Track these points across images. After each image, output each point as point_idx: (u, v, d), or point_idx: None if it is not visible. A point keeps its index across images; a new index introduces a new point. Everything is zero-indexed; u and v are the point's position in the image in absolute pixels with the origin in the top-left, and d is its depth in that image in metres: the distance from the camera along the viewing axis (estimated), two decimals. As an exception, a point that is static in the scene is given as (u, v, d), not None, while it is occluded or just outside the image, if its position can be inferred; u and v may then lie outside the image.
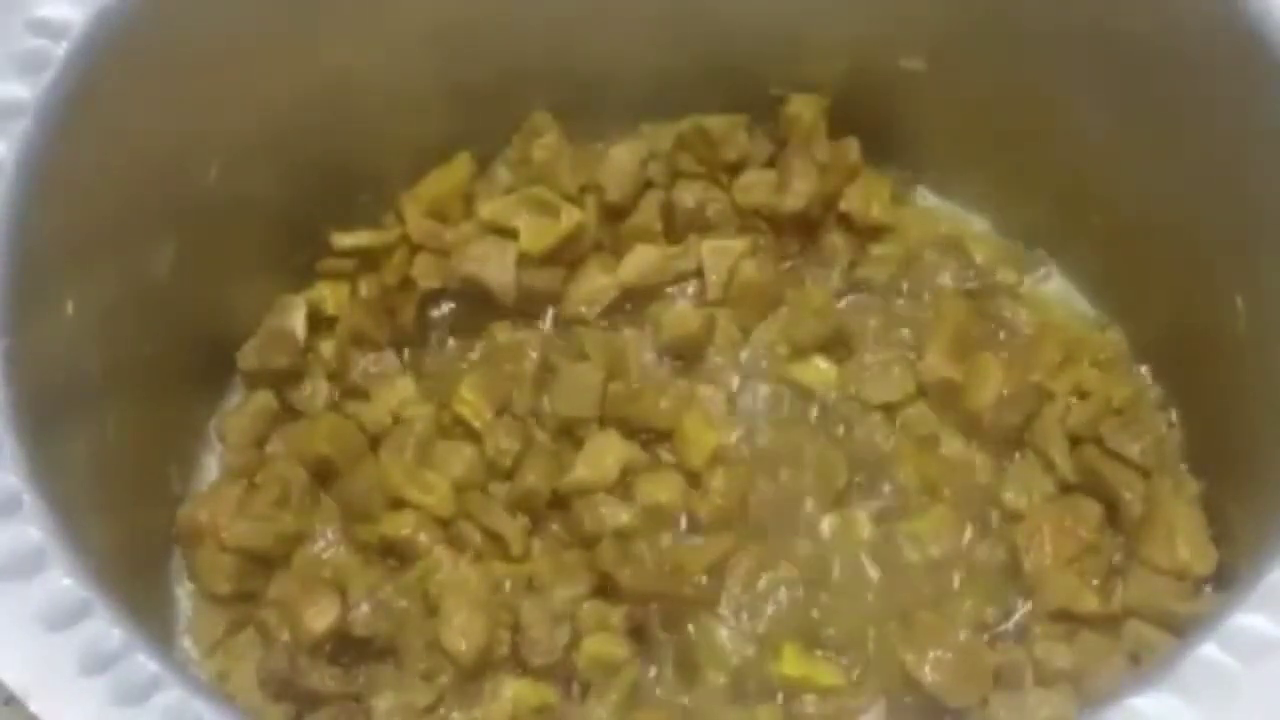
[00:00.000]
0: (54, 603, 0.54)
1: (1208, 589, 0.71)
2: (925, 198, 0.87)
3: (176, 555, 0.75)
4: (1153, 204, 0.76)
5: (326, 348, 0.80)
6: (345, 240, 0.81)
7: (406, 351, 0.81)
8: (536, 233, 0.79)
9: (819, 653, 0.71)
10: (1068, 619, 0.71)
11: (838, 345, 0.79)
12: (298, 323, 0.80)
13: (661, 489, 0.74)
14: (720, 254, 0.80)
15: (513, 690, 0.69)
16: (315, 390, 0.79)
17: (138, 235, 0.71)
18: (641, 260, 0.80)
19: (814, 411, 0.79)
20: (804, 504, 0.76)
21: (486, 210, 0.80)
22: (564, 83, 0.82)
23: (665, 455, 0.76)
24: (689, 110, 0.83)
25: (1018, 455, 0.76)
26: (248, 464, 0.77)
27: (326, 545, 0.75)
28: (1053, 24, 0.74)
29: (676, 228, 0.82)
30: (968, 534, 0.75)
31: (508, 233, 0.79)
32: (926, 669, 0.70)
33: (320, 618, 0.71)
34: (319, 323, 0.81)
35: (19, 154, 0.61)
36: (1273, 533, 0.58)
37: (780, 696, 0.70)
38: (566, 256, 0.80)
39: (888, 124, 0.83)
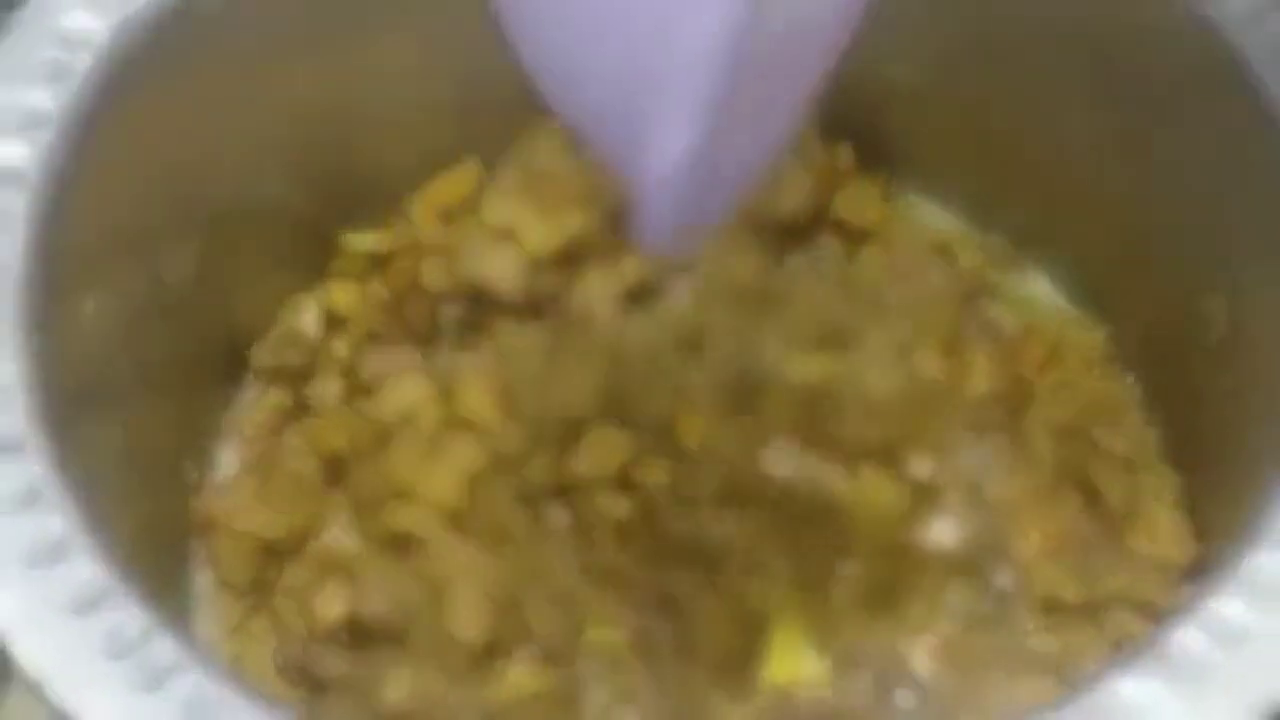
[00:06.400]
0: (78, 590, 0.55)
1: (1187, 579, 0.72)
2: (915, 201, 0.88)
3: (194, 545, 0.77)
4: (1136, 207, 0.77)
5: (339, 346, 0.81)
6: (357, 243, 0.83)
7: (416, 350, 0.81)
8: (541, 235, 0.80)
9: (809, 644, 0.72)
10: (1053, 609, 0.72)
11: (833, 345, 0.80)
12: (310, 322, 0.81)
13: (660, 481, 0.75)
14: (719, 254, 0.81)
15: (516, 676, 0.71)
16: (328, 387, 0.80)
17: (159, 240, 0.72)
18: (642, 261, 0.81)
19: (811, 408, 0.79)
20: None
21: (492, 214, 0.81)
22: (567, 87, 0.83)
23: (664, 449, 0.77)
24: (688, 114, 0.84)
25: (1003, 450, 0.77)
26: (262, 457, 0.78)
27: (338, 536, 0.76)
28: (1042, 30, 0.75)
29: (676, 229, 0.83)
30: (957, 525, 0.75)
31: (513, 235, 0.80)
32: (918, 657, 0.71)
33: (332, 605, 0.72)
34: (331, 322, 0.82)
35: (43, 163, 0.62)
36: (1248, 524, 0.59)
37: (773, 691, 0.72)
38: (570, 258, 0.81)
39: (878, 129, 0.84)
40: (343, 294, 0.82)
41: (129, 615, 0.54)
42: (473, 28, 0.79)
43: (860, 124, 0.84)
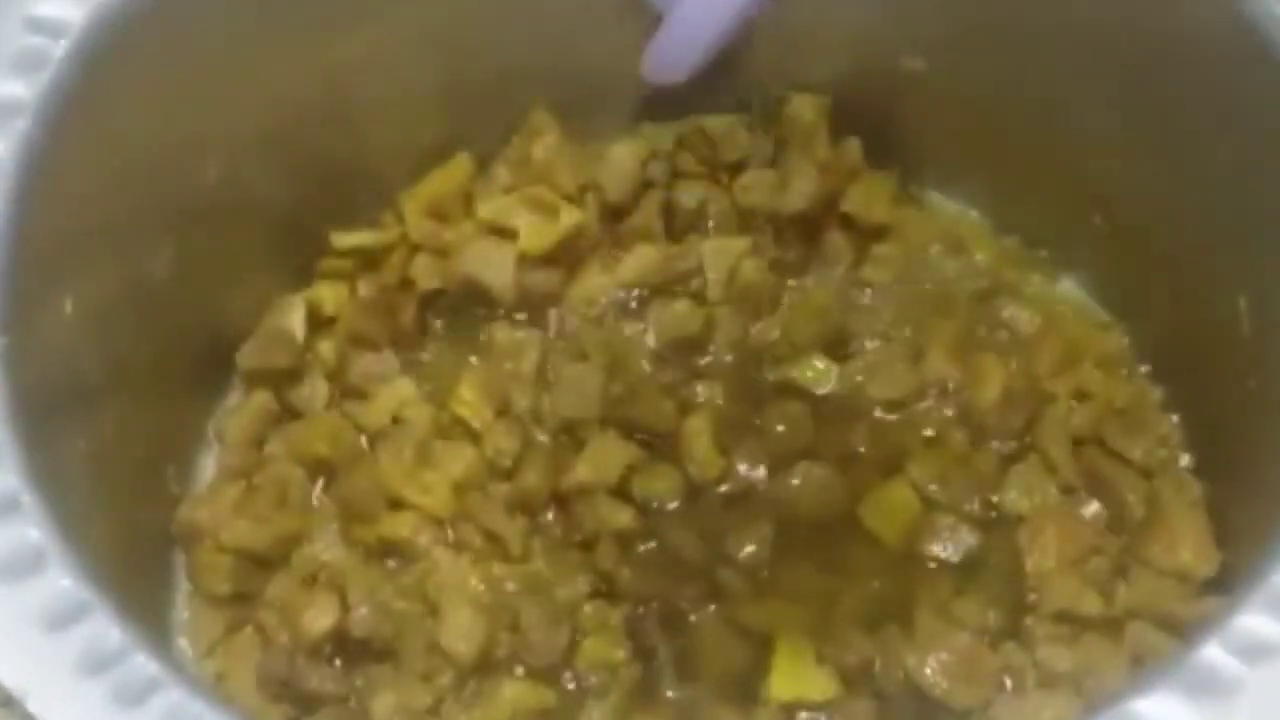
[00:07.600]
0: (53, 603, 0.53)
1: (1211, 590, 0.70)
2: (927, 198, 0.86)
3: (175, 556, 0.75)
4: (1155, 204, 0.76)
5: (326, 348, 0.79)
6: (345, 240, 0.81)
7: (406, 352, 0.81)
8: (536, 233, 0.79)
9: (815, 660, 0.71)
10: (1070, 621, 0.71)
11: (839, 345, 0.79)
12: (297, 323, 0.80)
13: (662, 489, 0.75)
14: (721, 254, 0.80)
15: (512, 692, 0.69)
16: (314, 390, 0.79)
17: (137, 234, 0.70)
18: (641, 260, 0.81)
19: (816, 412, 0.78)
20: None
21: (486, 210, 0.80)
22: (564, 82, 0.82)
23: (665, 455, 0.76)
24: (689, 110, 0.84)
25: (1020, 457, 0.76)
26: (246, 464, 0.77)
27: (325, 546, 0.74)
28: (1054, 23, 0.74)
29: (676, 228, 0.83)
30: (970, 536, 0.74)
31: (507, 233, 0.79)
32: (928, 672, 0.69)
33: (319, 619, 0.71)
34: (318, 323, 0.81)
35: (18, 153, 0.61)
36: (1275, 534, 0.58)
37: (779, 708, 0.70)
38: (566, 256, 0.80)
39: (889, 124, 0.83)
40: (330, 293, 0.81)
41: (106, 629, 0.53)
42: (464, 18, 0.80)
43: (871, 118, 0.83)
